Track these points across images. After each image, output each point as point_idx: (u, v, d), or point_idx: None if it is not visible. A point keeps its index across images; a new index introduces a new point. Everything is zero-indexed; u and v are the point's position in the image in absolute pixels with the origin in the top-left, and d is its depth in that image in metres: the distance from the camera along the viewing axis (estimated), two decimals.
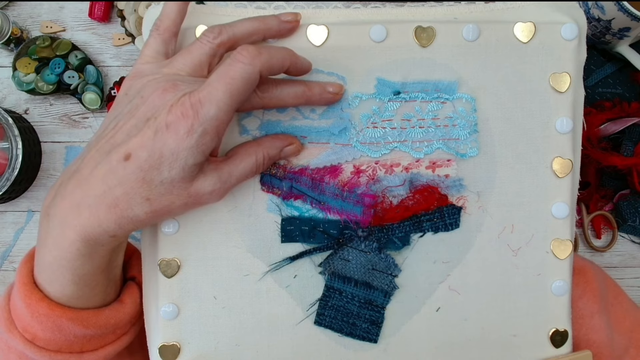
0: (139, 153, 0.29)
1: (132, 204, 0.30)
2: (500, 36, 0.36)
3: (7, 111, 0.55)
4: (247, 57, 0.29)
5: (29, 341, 0.33)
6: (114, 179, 0.29)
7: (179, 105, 0.29)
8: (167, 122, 0.29)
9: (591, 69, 0.58)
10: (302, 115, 0.36)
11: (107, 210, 0.30)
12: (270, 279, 0.36)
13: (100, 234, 0.30)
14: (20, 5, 0.60)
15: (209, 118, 0.28)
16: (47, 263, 0.31)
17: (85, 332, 0.33)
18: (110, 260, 0.34)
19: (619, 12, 0.50)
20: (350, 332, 0.37)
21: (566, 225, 0.37)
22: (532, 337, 0.37)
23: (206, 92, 0.29)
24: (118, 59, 0.60)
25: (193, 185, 0.31)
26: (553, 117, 0.36)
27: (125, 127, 0.30)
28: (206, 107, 0.28)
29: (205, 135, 0.29)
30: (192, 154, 0.29)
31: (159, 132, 0.29)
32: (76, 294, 0.32)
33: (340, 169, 0.36)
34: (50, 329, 0.32)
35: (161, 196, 0.30)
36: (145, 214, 0.30)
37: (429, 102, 0.36)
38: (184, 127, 0.28)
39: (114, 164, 0.29)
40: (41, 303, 0.32)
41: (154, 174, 0.29)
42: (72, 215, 0.30)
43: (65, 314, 0.32)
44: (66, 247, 0.30)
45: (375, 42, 0.35)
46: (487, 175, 0.36)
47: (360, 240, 0.36)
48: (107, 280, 0.35)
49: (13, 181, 0.54)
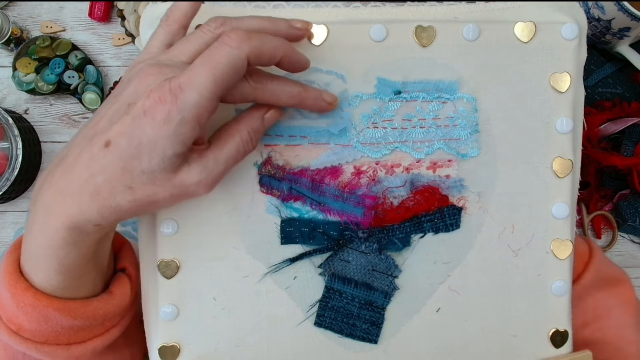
0: (118, 140, 0.28)
1: (114, 192, 0.28)
2: (501, 36, 0.36)
3: (7, 111, 0.55)
4: (235, 41, 0.27)
5: (14, 332, 0.32)
6: (95, 167, 0.28)
7: (157, 89, 0.27)
8: (144, 108, 0.27)
9: (591, 69, 0.58)
10: (301, 115, 0.35)
11: (89, 198, 0.29)
12: (270, 280, 0.36)
13: (83, 222, 0.29)
14: (20, 5, 0.60)
15: (189, 105, 0.27)
16: (33, 251, 0.31)
17: (73, 323, 0.32)
18: (97, 250, 0.33)
19: (619, 12, 0.50)
20: (351, 333, 0.36)
21: (566, 226, 0.37)
22: (533, 337, 0.37)
23: (187, 77, 0.27)
24: (118, 59, 0.60)
25: (177, 176, 0.29)
26: (553, 117, 0.36)
27: (109, 112, 0.29)
28: (186, 93, 0.27)
29: (184, 124, 0.27)
30: (171, 144, 0.27)
31: (137, 119, 0.27)
32: (62, 283, 0.31)
33: (341, 169, 0.36)
34: (37, 320, 0.31)
35: (143, 185, 0.28)
36: (128, 202, 0.29)
37: (429, 102, 0.36)
38: (161, 114, 0.27)
39: (95, 151, 0.28)
40: (27, 293, 0.31)
41: (135, 163, 0.28)
42: (56, 203, 0.29)
43: (51, 304, 0.31)
44: (51, 235, 0.29)
45: (375, 41, 0.35)
46: (487, 176, 0.36)
47: (360, 242, 0.36)
48: (94, 270, 0.34)
49: (13, 181, 0.54)
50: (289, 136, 0.35)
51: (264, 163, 0.35)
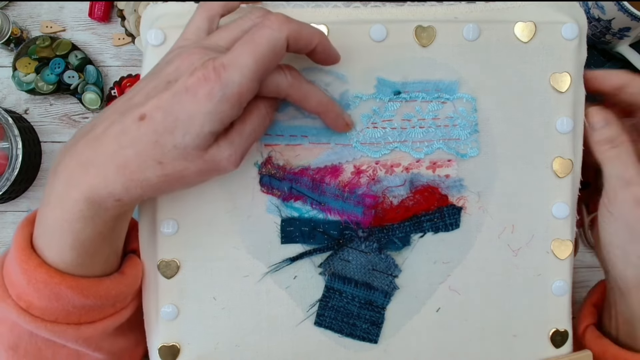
0: (154, 114, 0.28)
1: (143, 166, 0.29)
2: (501, 36, 0.36)
3: (7, 111, 0.55)
4: (275, 23, 0.28)
5: (24, 310, 0.31)
6: (126, 139, 0.28)
7: (201, 68, 0.28)
8: (187, 85, 0.28)
9: (591, 69, 0.58)
10: (302, 115, 0.35)
11: (116, 170, 0.29)
12: (270, 280, 0.36)
13: (105, 196, 0.29)
14: (20, 5, 0.60)
15: (231, 84, 0.27)
16: (48, 225, 0.30)
17: (84, 302, 0.32)
18: (114, 228, 0.32)
19: (619, 12, 0.50)
20: (351, 333, 0.36)
21: (566, 226, 0.37)
22: (533, 337, 0.37)
23: (231, 57, 0.28)
24: (118, 59, 0.60)
25: (208, 153, 0.29)
26: (553, 117, 0.36)
27: (145, 89, 0.29)
28: (229, 72, 0.27)
29: (225, 101, 0.28)
30: (209, 121, 0.28)
31: (177, 95, 0.28)
32: (75, 260, 0.31)
33: (341, 169, 0.36)
34: (48, 297, 0.30)
35: (174, 160, 0.29)
36: (157, 177, 0.29)
37: (429, 102, 0.36)
38: (204, 91, 0.27)
39: (128, 124, 0.28)
40: (39, 269, 0.30)
41: (168, 138, 0.28)
42: (78, 174, 0.29)
43: (64, 281, 0.30)
44: (69, 207, 0.29)
45: (375, 41, 0.35)
46: (487, 176, 0.36)
47: (360, 241, 0.36)
48: (109, 249, 0.33)
49: (13, 181, 0.54)
50: (290, 136, 0.35)
51: (265, 163, 0.35)
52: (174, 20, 0.35)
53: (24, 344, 0.33)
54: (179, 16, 0.35)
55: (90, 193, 0.29)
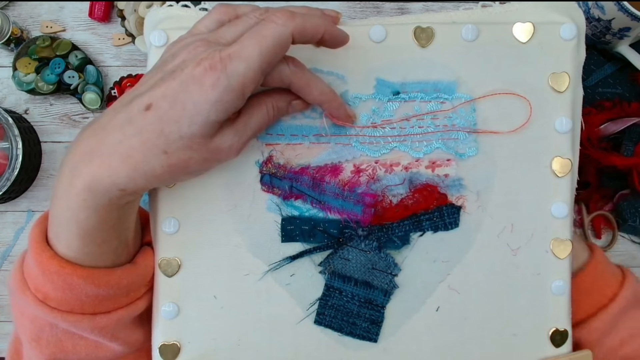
0: (160, 103, 0.28)
1: (149, 156, 0.29)
2: (500, 36, 0.36)
3: (7, 111, 0.55)
4: (281, 18, 0.29)
5: (41, 301, 0.32)
6: (131, 129, 0.29)
7: (208, 58, 0.28)
8: (193, 75, 0.28)
9: (591, 69, 0.58)
10: (302, 115, 0.36)
11: (120, 160, 0.29)
12: (270, 278, 0.36)
13: (108, 185, 0.29)
14: (20, 5, 0.60)
15: (236, 74, 0.28)
16: (56, 216, 0.31)
17: (97, 291, 0.32)
18: (119, 218, 0.32)
19: (619, 12, 0.50)
20: (350, 332, 0.37)
21: (566, 225, 0.37)
22: (532, 336, 0.37)
23: (237, 48, 0.28)
24: (118, 59, 0.60)
25: (213, 142, 0.30)
26: (552, 116, 0.36)
27: (151, 80, 0.30)
28: (235, 62, 0.28)
29: (231, 91, 0.28)
30: (215, 110, 0.28)
31: (184, 84, 0.28)
32: (82, 249, 0.31)
33: (341, 168, 0.36)
34: (62, 288, 0.32)
35: (179, 150, 0.29)
36: (162, 167, 0.29)
37: (428, 102, 0.36)
38: (210, 80, 0.28)
39: (134, 113, 0.29)
40: (52, 261, 0.31)
41: (174, 127, 0.28)
42: (82, 163, 0.29)
43: (75, 271, 0.31)
44: (72, 196, 0.30)
45: (374, 42, 0.35)
46: (486, 175, 0.36)
47: (360, 240, 0.36)
48: (116, 239, 0.33)
49: (13, 181, 0.54)
50: (291, 135, 0.36)
51: (265, 162, 0.36)
52: (177, 23, 0.36)
53: (45, 335, 0.34)
54: (181, 19, 0.36)
55: (93, 182, 0.29)
